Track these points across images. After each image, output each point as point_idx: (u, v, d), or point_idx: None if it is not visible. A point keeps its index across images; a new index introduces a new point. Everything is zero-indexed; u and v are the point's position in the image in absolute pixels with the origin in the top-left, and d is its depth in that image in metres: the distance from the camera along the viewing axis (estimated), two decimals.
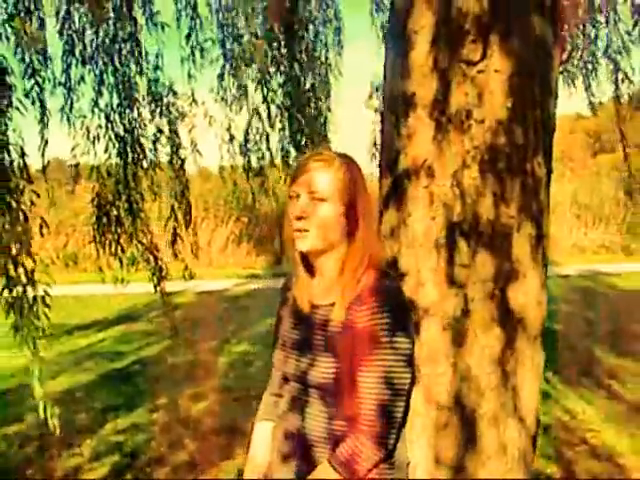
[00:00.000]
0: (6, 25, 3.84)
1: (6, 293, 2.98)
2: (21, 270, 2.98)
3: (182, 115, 5.10)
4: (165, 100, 4.98)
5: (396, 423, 1.75)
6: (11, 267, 2.95)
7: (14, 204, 3.22)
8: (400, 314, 1.77)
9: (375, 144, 5.61)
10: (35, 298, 3.02)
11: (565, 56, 2.05)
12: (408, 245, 1.99)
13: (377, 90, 5.64)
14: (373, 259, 1.84)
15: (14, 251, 2.98)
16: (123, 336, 9.47)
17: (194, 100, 5.10)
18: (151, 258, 5.38)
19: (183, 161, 5.01)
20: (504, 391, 1.95)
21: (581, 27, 3.91)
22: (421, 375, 1.93)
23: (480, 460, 1.94)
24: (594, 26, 4.35)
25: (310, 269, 1.93)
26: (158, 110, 5.10)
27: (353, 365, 1.74)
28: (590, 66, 4.48)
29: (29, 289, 3.02)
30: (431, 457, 1.94)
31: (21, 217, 3.23)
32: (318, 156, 1.83)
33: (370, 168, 5.64)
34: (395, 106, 2.05)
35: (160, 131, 4.96)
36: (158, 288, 5.50)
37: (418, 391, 1.93)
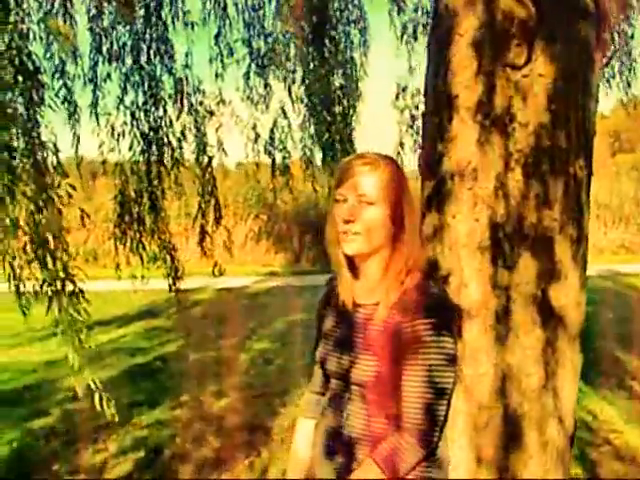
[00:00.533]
0: (40, 24, 3.89)
1: (45, 287, 3.02)
2: (60, 265, 3.02)
3: (210, 113, 5.13)
4: (193, 99, 5.01)
5: (439, 422, 1.78)
6: (50, 261, 2.99)
7: (49, 199, 3.26)
8: (444, 314, 1.79)
9: (401, 144, 5.61)
10: (74, 292, 3.06)
11: (605, 59, 2.06)
12: (451, 246, 2.01)
13: (404, 90, 5.64)
14: (416, 260, 1.86)
15: (52, 246, 3.02)
16: (144, 332, 9.55)
17: (222, 100, 5.13)
18: (168, 257, 5.44)
19: (211, 159, 5.04)
20: (545, 392, 1.97)
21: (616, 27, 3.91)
22: (463, 375, 1.95)
23: (521, 460, 1.96)
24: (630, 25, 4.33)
25: (353, 269, 1.95)
26: (185, 109, 5.14)
27: (396, 364, 1.76)
28: (628, 64, 4.46)
29: (68, 283, 3.06)
30: (472, 457, 1.96)
31: (56, 212, 3.27)
32: (363, 159, 1.84)
33: None
34: (438, 108, 2.07)
35: (188, 129, 5.00)
36: (173, 287, 5.59)
37: (460, 391, 1.95)
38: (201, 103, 5.03)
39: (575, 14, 1.98)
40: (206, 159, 5.02)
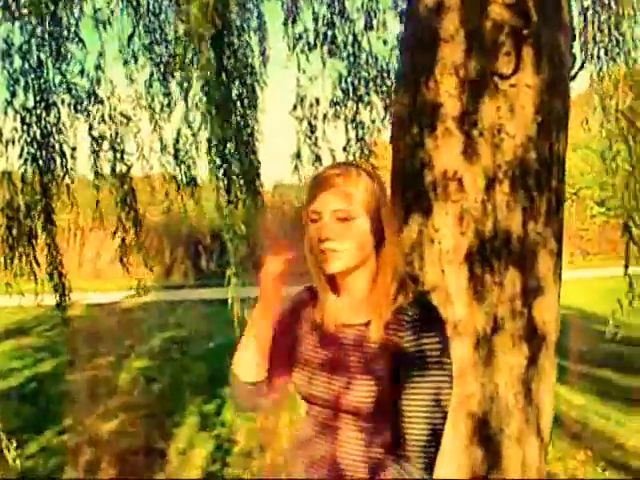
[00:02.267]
0: None
1: None
2: None
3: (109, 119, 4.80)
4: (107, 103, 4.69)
5: (440, 444, 1.67)
6: None
7: None
8: (444, 333, 1.69)
9: (298, 156, 5.50)
10: None
11: (573, 72, 2.07)
12: (433, 262, 1.92)
13: (302, 100, 5.54)
14: (402, 274, 1.75)
15: None
16: (14, 351, 8.94)
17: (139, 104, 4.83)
18: (55, 273, 5.10)
19: (129, 168, 4.73)
20: (529, 410, 1.93)
21: None
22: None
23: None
24: None
25: (335, 287, 1.81)
26: (80, 115, 4.81)
27: (396, 387, 1.65)
28: None
29: None
30: (459, 477, 1.88)
31: None
32: (334, 170, 1.71)
33: (293, 179, 5.55)
34: (419, 117, 1.98)
35: (102, 137, 4.68)
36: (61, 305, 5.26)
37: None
38: (115, 108, 4.69)
39: (556, 26, 1.95)
40: (124, 168, 4.70)
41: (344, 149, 5.02)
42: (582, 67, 2.16)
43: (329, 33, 5.29)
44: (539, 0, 1.85)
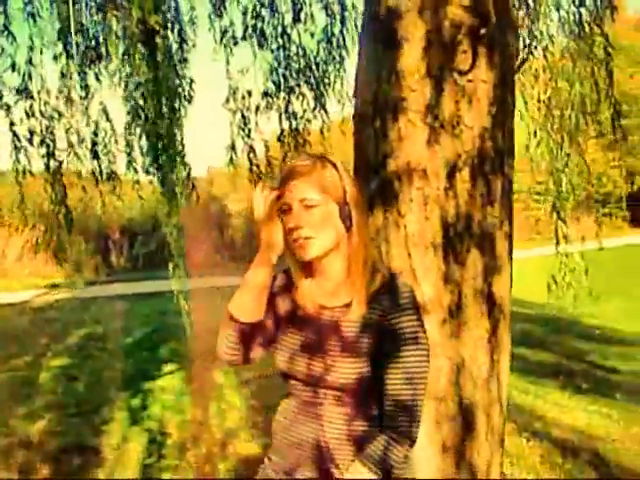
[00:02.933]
0: None
1: None
2: None
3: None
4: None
5: (420, 417, 1.79)
6: None
7: None
8: (419, 311, 1.82)
9: (233, 147, 5.52)
10: None
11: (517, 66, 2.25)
12: (399, 245, 2.05)
13: (234, 93, 5.56)
14: (371, 255, 1.86)
15: None
16: None
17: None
18: None
19: (60, 164, 4.63)
20: (492, 379, 2.09)
21: None
22: None
23: (475, 447, 2.05)
24: None
25: (309, 270, 1.90)
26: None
27: (377, 364, 1.76)
28: None
29: None
30: (431, 449, 2.02)
31: None
32: (298, 162, 1.81)
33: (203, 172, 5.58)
34: (381, 110, 2.10)
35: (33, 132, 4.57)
36: None
37: None
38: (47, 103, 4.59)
39: (506, 24, 2.11)
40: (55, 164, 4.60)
41: (278, 139, 5.09)
42: (525, 61, 2.33)
43: (258, 25, 5.34)
44: (493, 1, 2.01)
